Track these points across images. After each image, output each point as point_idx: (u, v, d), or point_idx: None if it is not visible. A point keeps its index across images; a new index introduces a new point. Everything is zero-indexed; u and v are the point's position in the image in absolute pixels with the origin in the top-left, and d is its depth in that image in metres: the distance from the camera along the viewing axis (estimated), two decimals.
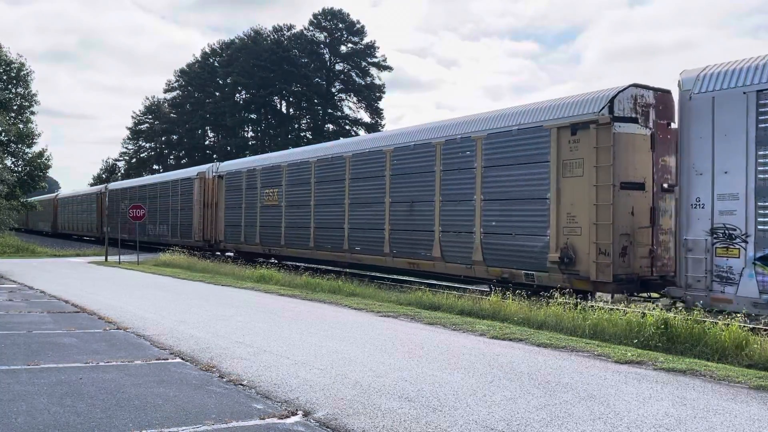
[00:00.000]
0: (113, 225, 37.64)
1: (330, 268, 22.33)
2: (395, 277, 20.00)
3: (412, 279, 19.18)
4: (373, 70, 73.60)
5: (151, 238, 35.56)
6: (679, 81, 11.17)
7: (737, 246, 10.09)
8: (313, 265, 22.72)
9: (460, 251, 15.49)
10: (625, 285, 12.15)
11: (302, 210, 22.10)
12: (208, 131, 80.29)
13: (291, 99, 74.46)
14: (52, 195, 67.06)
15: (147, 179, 42.70)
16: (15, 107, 36.55)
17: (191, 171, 33.09)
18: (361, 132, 71.11)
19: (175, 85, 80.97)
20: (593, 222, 12.29)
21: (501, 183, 14.51)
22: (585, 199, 12.55)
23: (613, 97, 12.28)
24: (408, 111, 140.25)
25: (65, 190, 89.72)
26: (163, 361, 7.92)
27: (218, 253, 29.09)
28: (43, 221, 65.82)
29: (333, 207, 20.47)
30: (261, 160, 26.54)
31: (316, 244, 21.28)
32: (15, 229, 64.24)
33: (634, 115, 12.43)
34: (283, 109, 75.72)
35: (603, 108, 12.30)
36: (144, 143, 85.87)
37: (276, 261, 24.64)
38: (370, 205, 18.88)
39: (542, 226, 13.43)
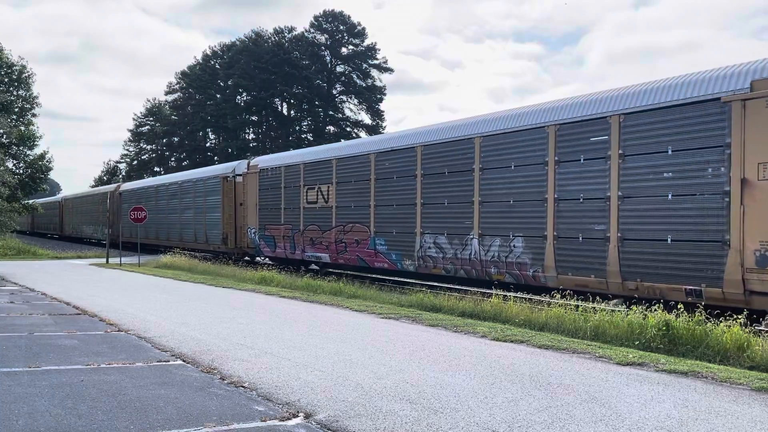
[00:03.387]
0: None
1: (405, 280, 19.53)
2: (396, 278, 19.98)
3: (411, 281, 19.14)
4: (374, 72, 73.77)
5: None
6: None
7: None
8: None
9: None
10: None
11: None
12: (209, 133, 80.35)
13: (292, 101, 74.53)
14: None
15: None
16: (16, 109, 36.65)
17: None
18: (362, 134, 71.15)
19: (176, 87, 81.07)
20: None
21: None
22: None
23: None
24: (410, 113, 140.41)
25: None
26: (164, 363, 7.91)
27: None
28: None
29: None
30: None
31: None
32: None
33: None
34: (284, 111, 75.77)
35: None
36: (145, 145, 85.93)
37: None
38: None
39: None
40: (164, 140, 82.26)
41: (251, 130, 78.03)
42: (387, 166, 17.89)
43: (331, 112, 74.25)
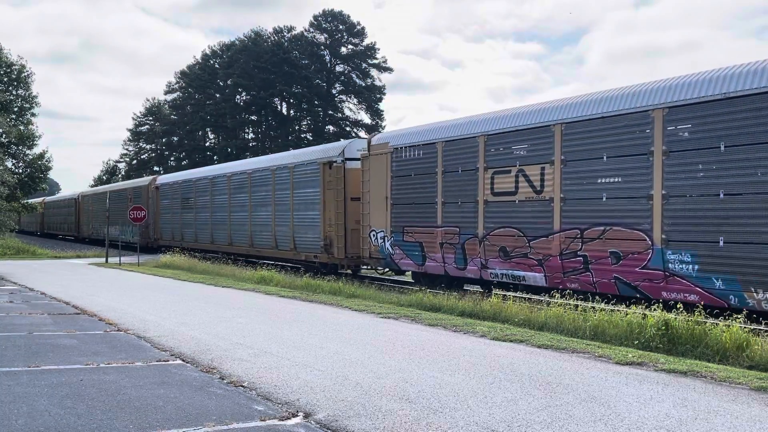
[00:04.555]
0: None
1: (404, 279, 18.04)
2: (395, 278, 19.98)
3: (410, 280, 19.13)
4: (374, 72, 73.77)
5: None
6: None
7: None
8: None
9: None
10: None
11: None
12: (209, 133, 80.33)
13: (291, 100, 74.51)
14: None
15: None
16: (16, 109, 36.64)
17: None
18: (362, 133, 71.15)
19: (176, 86, 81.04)
20: None
21: None
22: None
23: None
24: (410, 113, 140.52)
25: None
26: (163, 362, 7.91)
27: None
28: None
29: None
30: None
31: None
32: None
33: None
34: (284, 111, 75.76)
35: None
36: (144, 145, 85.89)
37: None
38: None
39: None
40: (163, 140, 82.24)
41: (251, 129, 78.02)
42: (699, 128, 10.68)
43: (330, 112, 74.24)
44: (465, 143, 15.19)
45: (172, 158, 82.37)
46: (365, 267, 20.35)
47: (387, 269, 18.75)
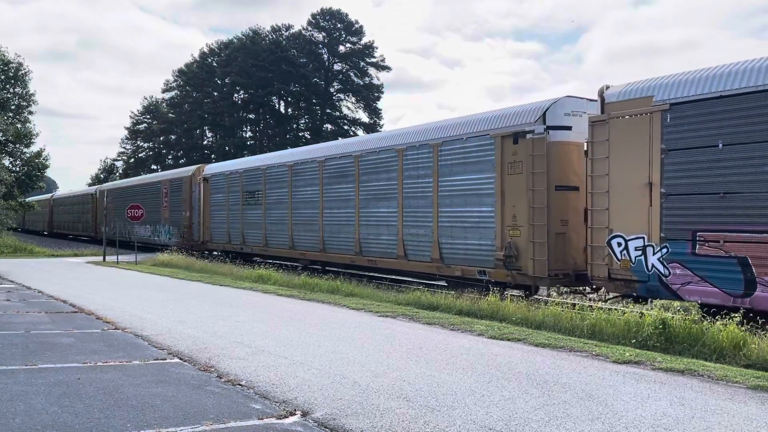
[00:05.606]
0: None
1: (403, 278, 17.20)
2: (393, 277, 19.94)
3: (409, 279, 19.13)
4: (372, 70, 73.76)
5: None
6: None
7: None
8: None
9: None
10: None
11: None
12: (206, 131, 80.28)
13: (289, 99, 74.48)
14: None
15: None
16: (13, 107, 36.55)
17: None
18: (360, 132, 71.12)
19: (174, 85, 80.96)
20: None
21: None
22: None
23: None
24: (408, 111, 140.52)
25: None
26: (161, 361, 7.91)
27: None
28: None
29: None
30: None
31: None
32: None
33: None
34: (282, 109, 75.71)
35: None
36: (142, 143, 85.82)
37: None
38: None
39: None
40: (161, 138, 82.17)
41: (248, 128, 77.97)
42: None
43: (328, 110, 74.22)
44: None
45: (169, 156, 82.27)
46: (581, 289, 13.92)
47: (650, 297, 11.33)
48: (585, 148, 12.93)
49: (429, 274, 16.62)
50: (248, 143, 74.48)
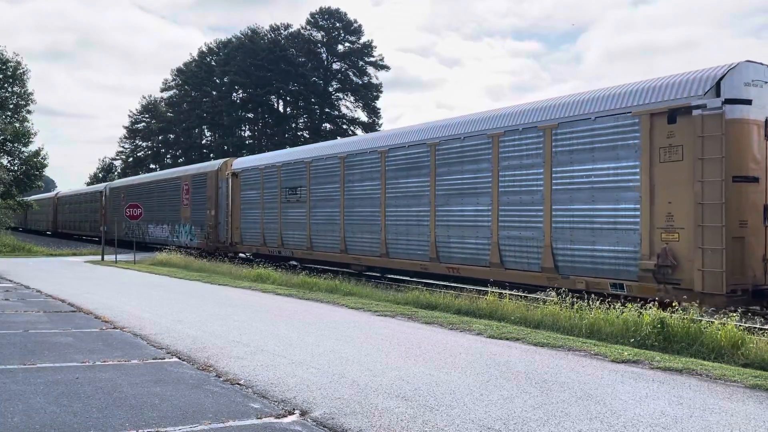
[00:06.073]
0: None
1: (402, 278, 16.35)
2: (392, 276, 19.94)
3: (408, 279, 19.14)
4: (371, 70, 73.75)
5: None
6: None
7: None
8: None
9: None
10: None
11: None
12: (205, 130, 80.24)
13: (288, 98, 74.44)
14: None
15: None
16: (11, 106, 36.52)
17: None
18: (359, 131, 71.07)
19: (172, 84, 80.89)
20: None
21: None
22: None
23: None
24: (407, 111, 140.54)
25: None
26: (159, 360, 7.90)
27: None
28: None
29: None
30: None
31: None
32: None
33: None
34: (280, 108, 75.68)
35: None
36: (141, 142, 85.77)
37: None
38: None
39: None
40: (160, 137, 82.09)
41: (247, 127, 77.94)
42: None
43: (327, 110, 74.19)
44: None
45: (168, 156, 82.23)
46: (760, 310, 10.96)
47: None
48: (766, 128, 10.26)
49: (535, 285, 13.51)
50: (247, 142, 74.42)
